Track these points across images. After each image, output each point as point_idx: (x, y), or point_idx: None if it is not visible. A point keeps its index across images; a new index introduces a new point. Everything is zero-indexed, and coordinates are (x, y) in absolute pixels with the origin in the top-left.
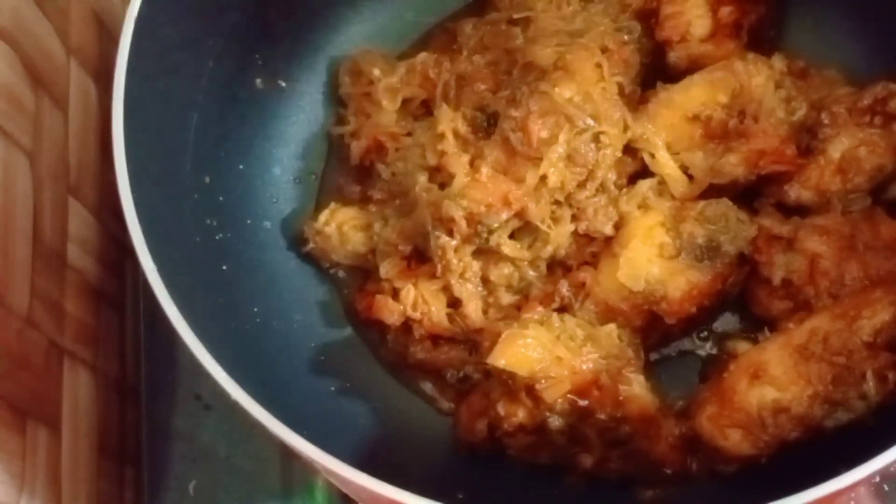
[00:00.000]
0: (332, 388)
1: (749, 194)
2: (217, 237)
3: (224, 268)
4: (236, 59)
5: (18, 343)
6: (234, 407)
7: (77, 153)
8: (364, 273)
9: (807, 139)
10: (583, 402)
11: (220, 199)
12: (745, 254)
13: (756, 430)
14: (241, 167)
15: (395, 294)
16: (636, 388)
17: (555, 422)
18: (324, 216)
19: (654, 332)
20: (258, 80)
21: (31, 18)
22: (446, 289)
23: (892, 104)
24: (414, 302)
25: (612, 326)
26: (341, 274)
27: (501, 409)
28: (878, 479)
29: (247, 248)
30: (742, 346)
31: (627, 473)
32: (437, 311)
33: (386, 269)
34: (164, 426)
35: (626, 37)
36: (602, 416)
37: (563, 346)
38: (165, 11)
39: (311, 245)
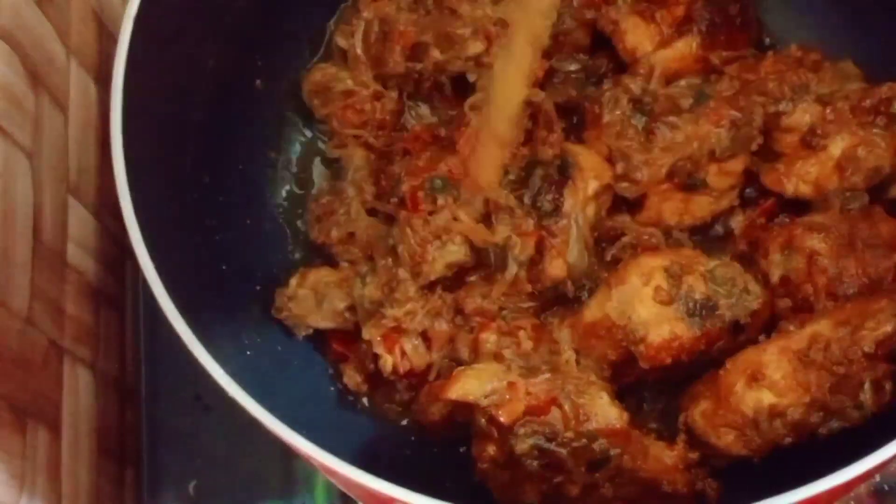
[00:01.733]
0: (332, 388)
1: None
2: (217, 237)
3: (224, 268)
4: (236, 59)
5: (18, 343)
6: (234, 407)
7: (77, 153)
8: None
9: (809, 134)
10: (544, 421)
11: (220, 199)
12: (742, 324)
13: (750, 432)
14: (240, 167)
15: (376, 357)
16: (598, 403)
17: (521, 445)
18: (294, 280)
19: (627, 371)
20: (258, 81)
21: (31, 18)
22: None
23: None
24: (394, 366)
25: (570, 354)
26: None
27: (473, 449)
28: (877, 478)
29: (246, 249)
30: None
31: (632, 501)
32: (419, 359)
33: (369, 331)
34: (164, 426)
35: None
36: (569, 434)
37: (516, 372)
38: (165, 12)
39: (284, 314)
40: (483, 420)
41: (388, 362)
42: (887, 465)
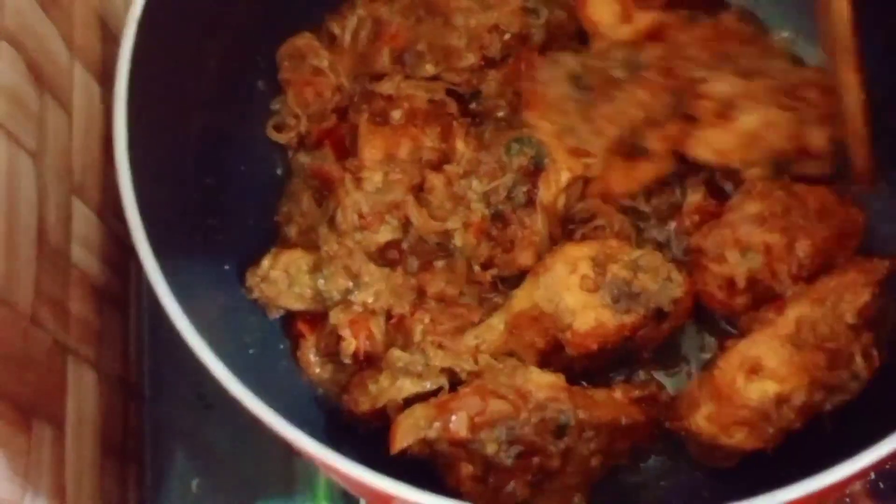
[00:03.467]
0: None
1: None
2: (219, 237)
3: (226, 267)
4: (238, 61)
5: (23, 342)
6: (237, 405)
7: (81, 154)
8: None
9: (722, 105)
10: (495, 413)
11: (222, 199)
12: (665, 311)
13: (762, 424)
14: (242, 168)
15: (339, 339)
16: (532, 377)
17: (490, 447)
18: (267, 261)
19: (554, 359)
20: (260, 82)
21: (34, 20)
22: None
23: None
24: (355, 351)
25: (485, 357)
26: None
27: (449, 480)
28: (873, 476)
29: (249, 249)
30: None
31: (607, 447)
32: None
33: (337, 315)
34: (167, 425)
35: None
36: (524, 415)
37: (444, 394)
38: (167, 13)
39: (255, 294)
40: (445, 446)
41: (350, 346)
42: (883, 463)
